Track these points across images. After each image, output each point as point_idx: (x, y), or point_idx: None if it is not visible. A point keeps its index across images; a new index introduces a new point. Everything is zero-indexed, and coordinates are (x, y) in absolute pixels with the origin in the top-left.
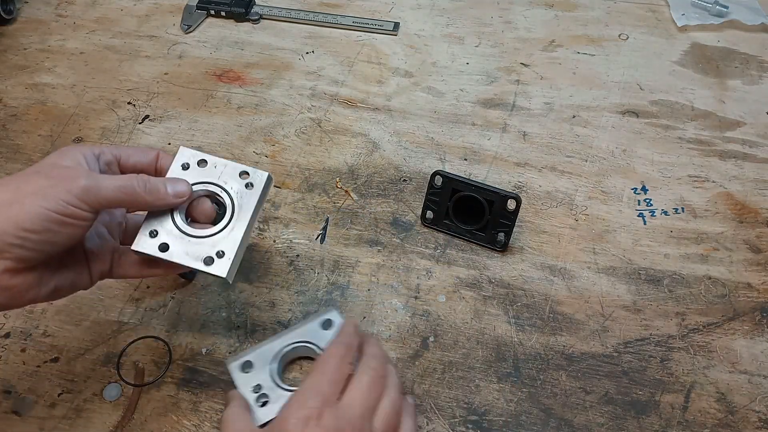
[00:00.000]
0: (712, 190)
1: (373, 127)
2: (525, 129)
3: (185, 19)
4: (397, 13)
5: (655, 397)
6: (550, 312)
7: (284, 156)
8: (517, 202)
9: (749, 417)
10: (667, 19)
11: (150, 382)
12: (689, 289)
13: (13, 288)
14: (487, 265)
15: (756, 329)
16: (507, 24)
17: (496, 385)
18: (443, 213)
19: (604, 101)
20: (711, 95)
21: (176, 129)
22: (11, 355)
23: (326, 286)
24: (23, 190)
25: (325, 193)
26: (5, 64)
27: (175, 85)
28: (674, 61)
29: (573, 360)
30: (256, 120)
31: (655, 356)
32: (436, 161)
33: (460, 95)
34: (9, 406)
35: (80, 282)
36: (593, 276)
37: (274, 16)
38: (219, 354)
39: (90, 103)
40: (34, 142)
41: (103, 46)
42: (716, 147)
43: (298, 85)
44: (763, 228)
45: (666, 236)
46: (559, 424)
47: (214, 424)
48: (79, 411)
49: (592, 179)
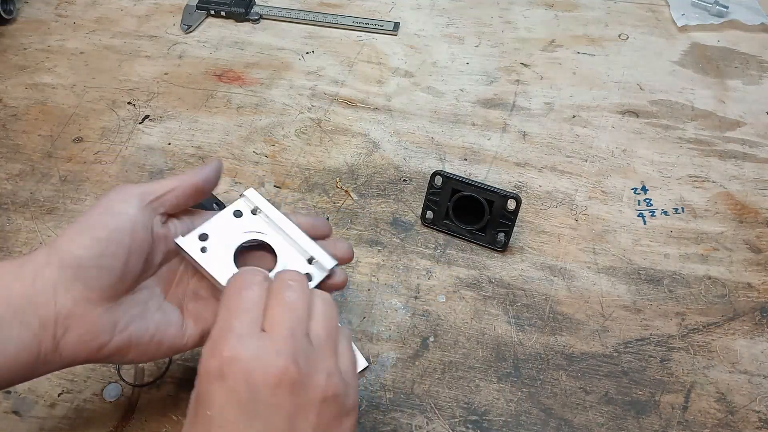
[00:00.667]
0: (712, 190)
1: (373, 127)
2: (525, 129)
3: (185, 19)
4: (397, 13)
5: (655, 397)
6: (550, 312)
7: (284, 156)
8: (517, 202)
9: (749, 417)
10: (667, 19)
11: (150, 382)
12: (689, 289)
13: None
14: (487, 265)
15: (756, 329)
16: (507, 24)
17: (496, 385)
18: (443, 213)
19: (604, 101)
20: (711, 95)
21: (176, 129)
22: None
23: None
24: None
25: (325, 193)
26: (5, 64)
27: (175, 85)
28: (674, 61)
29: (573, 360)
30: (256, 120)
31: (655, 356)
32: (436, 161)
33: (460, 95)
34: (9, 406)
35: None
36: (593, 276)
37: (274, 16)
38: None
39: (90, 103)
40: (34, 142)
41: (103, 46)
42: (716, 147)
43: (298, 85)
44: (763, 228)
45: (666, 236)
46: (559, 424)
47: None
48: (79, 411)
49: (592, 179)
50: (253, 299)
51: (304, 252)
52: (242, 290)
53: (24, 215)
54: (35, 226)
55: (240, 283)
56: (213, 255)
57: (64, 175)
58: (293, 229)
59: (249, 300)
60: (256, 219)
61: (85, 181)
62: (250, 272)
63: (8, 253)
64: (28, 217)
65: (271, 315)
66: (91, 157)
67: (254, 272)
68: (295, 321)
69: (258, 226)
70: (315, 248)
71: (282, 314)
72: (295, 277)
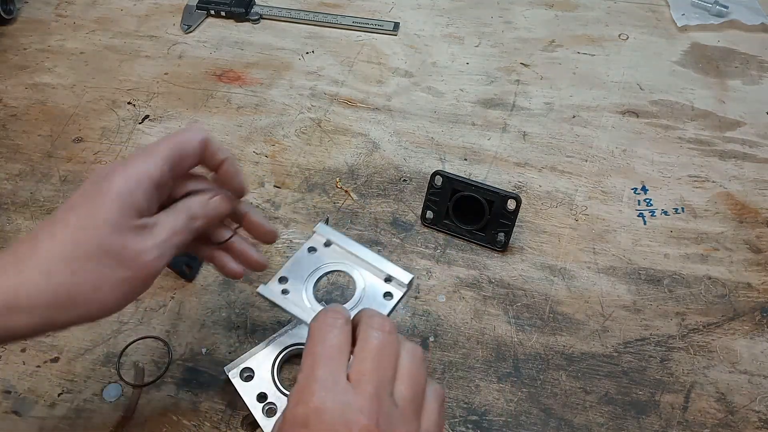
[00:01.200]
0: (712, 190)
1: (373, 127)
2: (525, 129)
3: (185, 19)
4: (397, 13)
5: (655, 397)
6: (550, 312)
7: (284, 156)
8: (517, 202)
9: (749, 417)
10: (667, 19)
11: (150, 382)
12: (689, 289)
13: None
14: (487, 265)
15: (756, 329)
16: (507, 24)
17: (496, 385)
18: (443, 213)
19: (604, 101)
20: (711, 95)
21: (176, 129)
22: (11, 355)
23: (326, 286)
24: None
25: (325, 193)
26: (5, 64)
27: (175, 85)
28: (674, 61)
29: (573, 360)
30: (256, 120)
31: (655, 356)
32: (436, 161)
33: (460, 95)
34: (9, 406)
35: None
36: (593, 276)
37: (274, 16)
38: (219, 354)
39: (90, 103)
40: (34, 142)
41: (103, 46)
42: (716, 147)
43: (298, 85)
44: (763, 228)
45: (666, 236)
46: (559, 424)
47: (215, 424)
48: (79, 411)
49: (592, 179)
50: (337, 345)
51: (380, 272)
52: (326, 335)
53: (24, 215)
54: (35, 227)
55: (323, 326)
56: (294, 295)
57: (64, 175)
58: (366, 253)
59: (333, 347)
60: (329, 251)
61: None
62: (332, 314)
63: None
64: (28, 217)
65: (358, 366)
66: (91, 157)
67: (336, 313)
68: (381, 379)
69: (333, 257)
70: (390, 266)
71: (368, 368)
72: (382, 325)
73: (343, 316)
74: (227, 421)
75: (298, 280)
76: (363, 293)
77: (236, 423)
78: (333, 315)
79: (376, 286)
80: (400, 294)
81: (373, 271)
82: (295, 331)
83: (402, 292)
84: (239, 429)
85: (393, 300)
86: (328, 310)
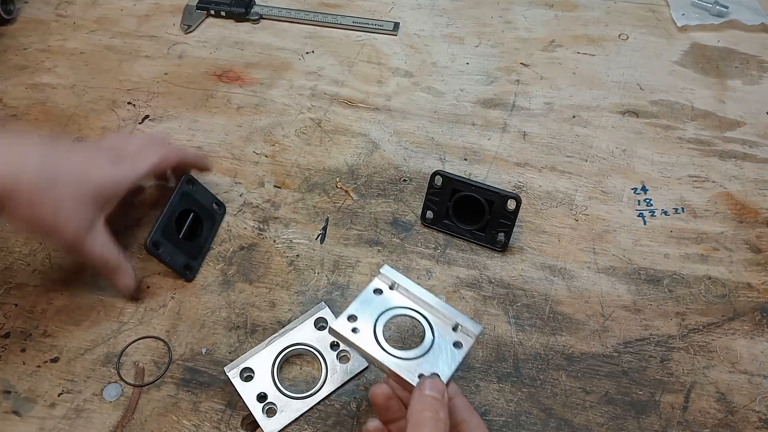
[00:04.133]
0: (712, 190)
1: (373, 127)
2: (525, 129)
3: (185, 19)
4: (397, 13)
5: (655, 397)
6: (550, 312)
7: (284, 156)
8: (517, 202)
9: (749, 417)
10: (667, 19)
11: (150, 382)
12: (689, 289)
13: None
14: (487, 265)
15: (756, 329)
16: (507, 24)
17: (496, 385)
18: (443, 213)
19: (604, 101)
20: (711, 95)
21: (176, 129)
22: (11, 355)
23: (326, 286)
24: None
25: (325, 193)
26: (5, 64)
27: (175, 85)
28: (674, 61)
29: (573, 360)
30: (256, 120)
31: (655, 356)
32: (436, 161)
33: (460, 95)
34: (9, 406)
35: None
36: (593, 276)
37: (274, 16)
38: (219, 354)
39: (90, 103)
40: None
41: (103, 46)
42: (716, 147)
43: (298, 85)
44: (763, 228)
45: (666, 236)
46: (559, 424)
47: (215, 424)
48: (79, 411)
49: (592, 179)
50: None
51: (448, 320)
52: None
53: None
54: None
55: (429, 407)
56: (365, 335)
57: None
58: (433, 299)
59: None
60: (395, 294)
61: None
62: (436, 396)
63: (8, 253)
64: None
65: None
66: None
67: (435, 393)
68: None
69: (398, 300)
70: (458, 315)
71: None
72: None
73: (441, 397)
74: (227, 421)
75: (367, 320)
76: (433, 342)
77: (236, 423)
78: (435, 395)
79: (444, 335)
80: (470, 343)
81: (441, 318)
82: (295, 332)
83: (471, 342)
84: (239, 429)
85: (463, 350)
86: (431, 388)
